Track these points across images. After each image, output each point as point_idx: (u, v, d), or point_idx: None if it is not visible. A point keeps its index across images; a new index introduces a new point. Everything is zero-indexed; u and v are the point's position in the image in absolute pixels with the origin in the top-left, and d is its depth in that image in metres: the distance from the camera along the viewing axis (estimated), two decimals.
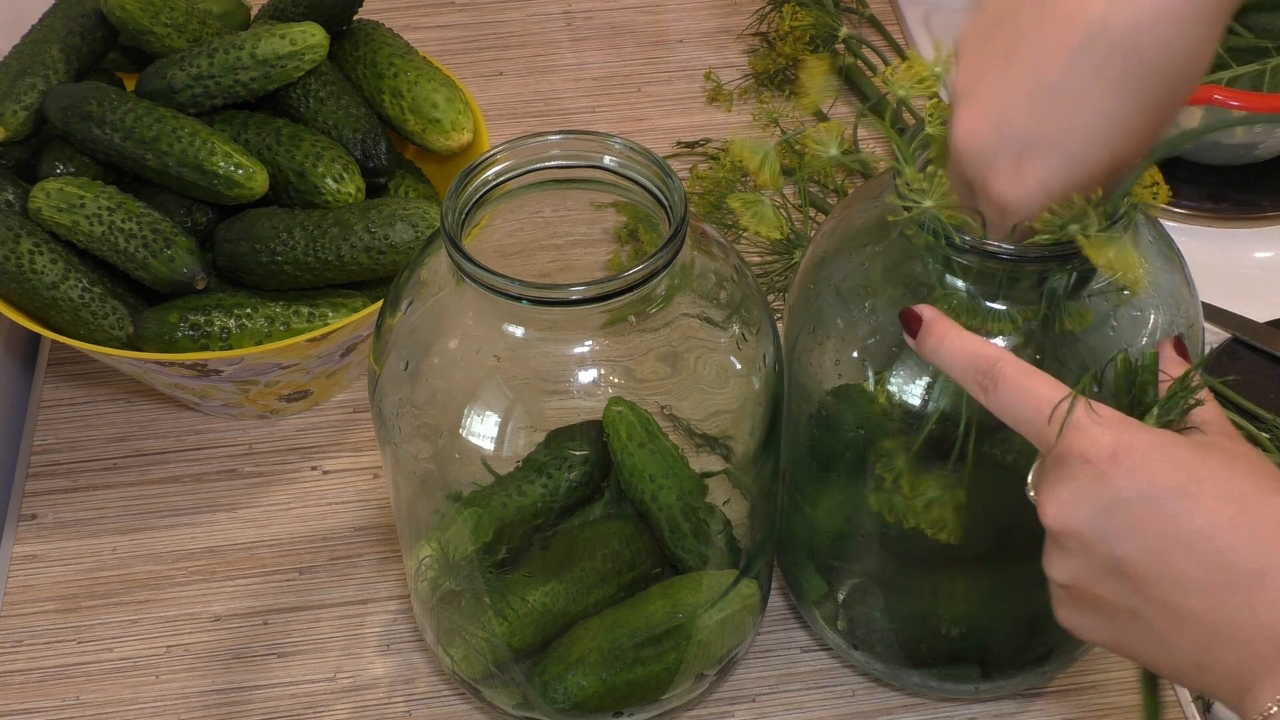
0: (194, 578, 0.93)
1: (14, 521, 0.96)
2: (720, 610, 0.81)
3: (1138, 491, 0.59)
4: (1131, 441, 0.60)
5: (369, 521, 0.95)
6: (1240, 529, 0.58)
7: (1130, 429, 0.60)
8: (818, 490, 0.80)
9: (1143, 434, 0.60)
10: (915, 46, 1.30)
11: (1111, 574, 0.60)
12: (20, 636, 0.90)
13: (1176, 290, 0.74)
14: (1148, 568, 0.59)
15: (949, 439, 0.71)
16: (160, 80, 0.98)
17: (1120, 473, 0.59)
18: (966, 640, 0.81)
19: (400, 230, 0.94)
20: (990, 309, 0.70)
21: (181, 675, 0.88)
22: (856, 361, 0.74)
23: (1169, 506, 0.59)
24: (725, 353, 0.75)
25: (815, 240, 0.79)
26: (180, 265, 0.93)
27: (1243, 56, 1.14)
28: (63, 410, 1.02)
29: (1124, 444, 0.59)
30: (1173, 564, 0.59)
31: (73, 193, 0.93)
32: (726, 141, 1.17)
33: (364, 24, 1.07)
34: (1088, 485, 0.60)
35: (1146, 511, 0.59)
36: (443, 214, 0.69)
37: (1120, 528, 0.59)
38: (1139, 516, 0.59)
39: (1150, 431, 0.60)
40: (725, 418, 0.75)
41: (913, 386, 0.72)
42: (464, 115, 1.03)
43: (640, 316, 0.70)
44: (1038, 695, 0.86)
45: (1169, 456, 0.59)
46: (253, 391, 0.97)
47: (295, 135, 0.98)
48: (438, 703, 0.86)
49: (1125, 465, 0.59)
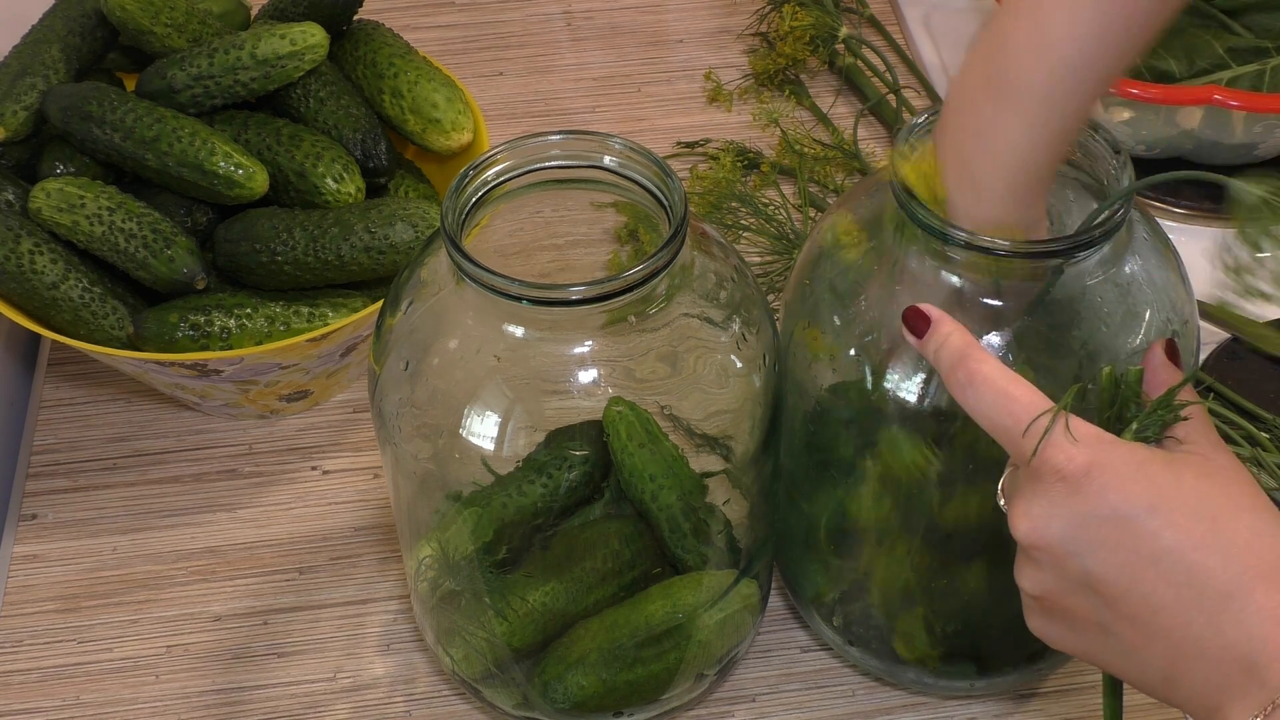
0: (194, 578, 0.93)
1: (14, 521, 0.96)
2: (720, 610, 0.81)
3: (1110, 509, 0.59)
4: (1106, 458, 0.60)
5: (369, 521, 0.95)
6: (1211, 548, 0.58)
7: (1105, 445, 0.60)
8: (814, 487, 0.80)
9: (1117, 450, 0.60)
10: (915, 46, 1.30)
11: (1082, 588, 0.61)
12: (20, 636, 0.90)
13: (1172, 288, 0.74)
14: (1117, 584, 0.60)
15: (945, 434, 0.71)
16: (160, 80, 0.98)
17: (1094, 489, 0.60)
18: (961, 636, 0.81)
19: (400, 230, 0.94)
20: (985, 305, 0.70)
21: (182, 675, 0.88)
22: (853, 359, 0.74)
23: (1141, 524, 0.59)
24: (725, 353, 0.75)
25: (811, 237, 0.79)
26: (180, 265, 0.93)
27: (1243, 56, 1.14)
28: (63, 410, 1.02)
29: (1099, 461, 0.60)
30: (1142, 581, 0.59)
31: (73, 193, 0.93)
32: (726, 142, 1.17)
33: (364, 24, 1.07)
34: (1061, 500, 0.60)
35: (1118, 529, 0.59)
36: (443, 214, 0.69)
37: (1092, 544, 0.60)
38: (1110, 533, 0.59)
39: (1125, 447, 0.61)
40: (725, 418, 0.75)
41: (910, 383, 0.72)
42: (464, 115, 1.03)
43: (640, 316, 0.70)
44: (1035, 695, 0.86)
45: (1143, 474, 0.60)
46: (253, 391, 0.97)
47: (295, 135, 0.98)
48: (438, 703, 0.86)
49: (1099, 482, 0.60)
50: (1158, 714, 0.85)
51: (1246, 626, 0.58)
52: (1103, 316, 0.71)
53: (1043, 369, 0.65)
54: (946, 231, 0.68)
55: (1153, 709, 0.85)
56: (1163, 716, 0.85)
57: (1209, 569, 0.58)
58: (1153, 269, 0.73)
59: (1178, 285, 0.74)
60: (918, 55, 1.29)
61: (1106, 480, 0.60)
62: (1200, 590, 0.58)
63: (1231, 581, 0.58)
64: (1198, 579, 0.58)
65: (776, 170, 1.15)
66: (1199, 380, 0.94)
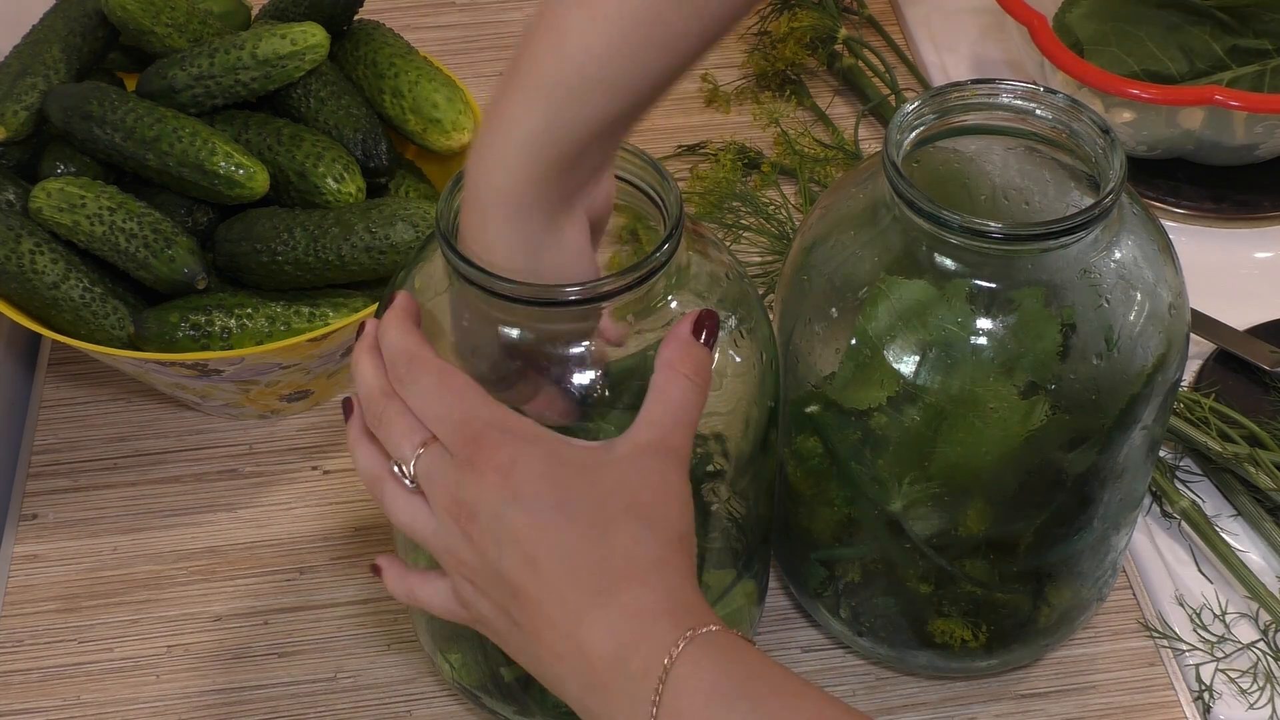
0: (194, 578, 0.93)
1: (14, 521, 0.96)
2: (720, 609, 0.81)
3: (524, 502, 0.62)
4: (528, 453, 0.63)
5: (369, 521, 0.95)
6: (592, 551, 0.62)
7: (529, 441, 0.63)
8: (817, 479, 0.80)
9: (541, 446, 0.63)
10: (915, 47, 1.30)
11: (496, 579, 0.63)
12: (21, 636, 0.90)
13: (1160, 267, 0.74)
14: (516, 579, 0.62)
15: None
16: (161, 80, 0.98)
17: (511, 483, 0.62)
18: (971, 616, 0.81)
19: (401, 230, 0.94)
20: (980, 287, 0.70)
21: (182, 675, 0.88)
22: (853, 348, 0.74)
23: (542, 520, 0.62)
24: (721, 351, 0.75)
25: (803, 228, 0.79)
26: (181, 265, 0.93)
27: (1243, 56, 1.14)
28: (63, 410, 1.02)
29: (521, 455, 0.62)
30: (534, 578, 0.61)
31: (73, 193, 0.93)
32: (727, 142, 1.17)
33: (364, 24, 1.07)
34: (491, 490, 0.62)
35: (526, 523, 0.62)
36: (438, 215, 0.69)
37: (509, 536, 0.62)
38: (520, 527, 0.62)
39: (551, 444, 0.63)
40: (723, 417, 0.75)
41: (910, 369, 0.72)
42: (464, 115, 1.03)
43: (638, 316, 0.70)
44: (1035, 695, 0.86)
45: (557, 473, 0.62)
46: (253, 391, 0.97)
47: (296, 135, 0.98)
48: (438, 703, 0.86)
49: (517, 476, 0.62)
50: (1144, 713, 0.85)
51: (610, 623, 0.60)
52: (1101, 295, 0.72)
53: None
54: (944, 215, 0.68)
55: (1146, 708, 0.85)
56: (1164, 716, 0.85)
57: (588, 568, 0.61)
58: (1143, 242, 0.74)
59: (1166, 265, 0.75)
60: (918, 56, 1.29)
61: (522, 475, 0.62)
62: (577, 586, 0.61)
63: (604, 581, 0.60)
64: (580, 579, 0.61)
65: (777, 170, 1.15)
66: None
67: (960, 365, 0.71)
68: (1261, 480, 0.91)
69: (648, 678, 0.59)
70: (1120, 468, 0.76)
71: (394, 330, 0.67)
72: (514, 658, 0.65)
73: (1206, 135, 1.11)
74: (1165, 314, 0.74)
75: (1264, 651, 0.86)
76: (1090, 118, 0.72)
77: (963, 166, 0.78)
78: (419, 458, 0.65)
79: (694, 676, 0.58)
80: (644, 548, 0.62)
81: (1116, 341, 0.72)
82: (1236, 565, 0.89)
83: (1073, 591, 0.83)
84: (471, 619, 0.67)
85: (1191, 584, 0.91)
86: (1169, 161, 1.16)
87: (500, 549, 0.62)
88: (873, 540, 0.80)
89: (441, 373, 0.65)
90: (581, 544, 0.61)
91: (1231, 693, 0.85)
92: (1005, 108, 0.75)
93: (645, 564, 0.61)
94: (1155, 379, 0.74)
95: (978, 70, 1.27)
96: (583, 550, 0.61)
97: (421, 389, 0.65)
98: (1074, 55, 1.12)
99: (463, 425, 0.63)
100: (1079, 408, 0.72)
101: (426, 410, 0.65)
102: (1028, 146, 0.76)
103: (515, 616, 0.63)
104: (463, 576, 0.65)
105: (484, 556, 0.63)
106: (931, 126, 0.75)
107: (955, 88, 0.75)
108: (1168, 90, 1.10)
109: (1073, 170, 0.75)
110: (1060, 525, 0.77)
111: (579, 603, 0.61)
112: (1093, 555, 0.81)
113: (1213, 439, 0.93)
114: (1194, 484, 0.95)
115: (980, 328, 0.71)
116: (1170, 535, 0.93)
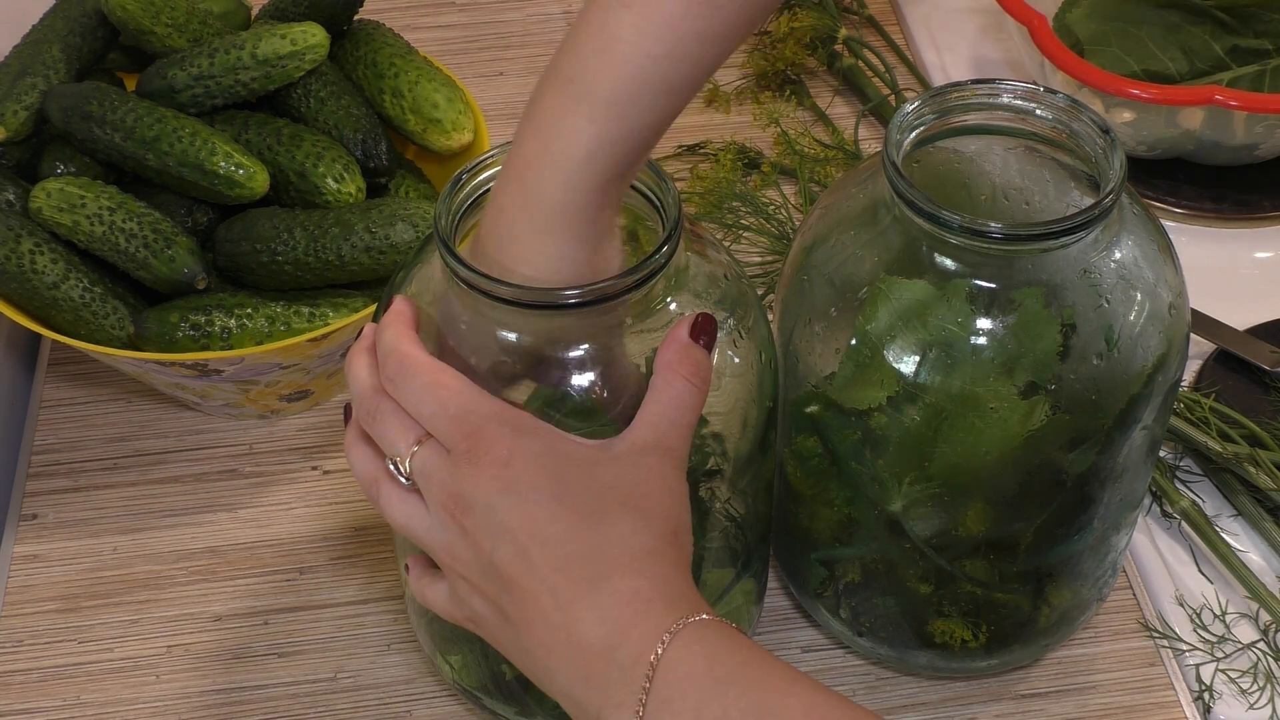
0: (194, 578, 0.93)
1: (14, 521, 0.96)
2: (719, 608, 0.81)
3: (518, 493, 0.62)
4: (526, 446, 0.63)
5: (369, 521, 0.95)
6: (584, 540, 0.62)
7: (527, 434, 0.63)
8: (817, 479, 0.80)
9: (539, 439, 0.63)
10: (915, 47, 1.30)
11: (489, 571, 0.63)
12: (21, 636, 0.90)
13: (1160, 267, 0.74)
14: (509, 571, 0.62)
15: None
16: (161, 80, 0.98)
17: (509, 474, 0.62)
18: (971, 616, 0.81)
19: (401, 230, 0.94)
20: (980, 287, 0.70)
21: (182, 675, 0.88)
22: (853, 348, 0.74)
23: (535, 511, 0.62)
24: (720, 352, 0.75)
25: (803, 228, 0.79)
26: (181, 265, 0.93)
27: (1243, 56, 1.14)
28: (63, 410, 1.02)
29: (519, 448, 0.63)
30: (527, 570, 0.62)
31: (73, 193, 0.93)
32: (727, 142, 1.17)
33: (364, 24, 1.07)
34: (487, 483, 0.62)
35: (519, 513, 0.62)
36: (436, 217, 0.69)
37: (501, 527, 0.62)
38: (512, 517, 0.62)
39: (550, 439, 0.64)
40: (721, 416, 0.75)
41: (910, 369, 0.72)
42: (464, 115, 1.03)
43: (636, 318, 0.70)
44: (1035, 695, 0.86)
45: (551, 466, 0.63)
46: (253, 391, 0.97)
47: (296, 135, 0.98)
48: (438, 703, 0.86)
49: (515, 468, 0.62)
50: (1144, 713, 0.85)
51: (601, 611, 0.60)
52: (1102, 293, 0.72)
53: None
54: (945, 216, 0.68)
55: (1146, 708, 0.85)
56: (1164, 716, 0.85)
57: (580, 557, 0.61)
58: (1143, 242, 0.74)
59: (1168, 265, 0.75)
60: (917, 56, 1.29)
61: (520, 467, 0.62)
62: (569, 576, 0.61)
63: (596, 569, 0.61)
64: (572, 568, 0.61)
65: (777, 170, 1.15)
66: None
67: (960, 365, 0.71)
68: (1261, 480, 0.91)
69: (639, 664, 0.59)
70: (1120, 468, 0.76)
71: (388, 332, 0.67)
72: (506, 654, 0.65)
73: (1206, 135, 1.11)
74: (1165, 314, 0.74)
75: (1264, 651, 0.86)
76: (1090, 118, 0.72)
77: (963, 166, 0.78)
78: (415, 454, 0.65)
79: (685, 663, 0.58)
80: (638, 538, 0.62)
81: (1117, 341, 0.72)
82: (1236, 565, 0.89)
83: (1073, 592, 0.83)
84: (465, 618, 0.67)
85: (1191, 584, 0.91)
86: (1169, 161, 1.16)
87: (494, 541, 0.62)
88: (873, 540, 0.80)
89: (434, 371, 0.65)
90: (575, 533, 0.61)
91: (1232, 693, 0.85)
92: (1005, 108, 0.75)
93: (638, 553, 0.61)
94: (1155, 379, 0.74)
95: (978, 70, 1.27)
96: (575, 540, 0.61)
97: (413, 388, 0.65)
98: (1074, 55, 1.12)
99: (460, 420, 0.63)
100: (1079, 408, 0.72)
101: (420, 408, 0.65)
102: (1028, 146, 0.76)
103: (507, 610, 0.63)
104: (458, 574, 0.65)
105: (478, 550, 0.63)
106: (931, 126, 0.75)
107: (955, 88, 0.75)
108: (1168, 90, 1.10)
109: (1073, 170, 0.75)
110: (1060, 525, 0.77)
111: (570, 592, 0.61)
112: (1093, 555, 0.81)
113: (1213, 439, 0.93)
114: (1194, 484, 0.95)
115: (980, 328, 0.71)
116: (1170, 535, 0.93)
